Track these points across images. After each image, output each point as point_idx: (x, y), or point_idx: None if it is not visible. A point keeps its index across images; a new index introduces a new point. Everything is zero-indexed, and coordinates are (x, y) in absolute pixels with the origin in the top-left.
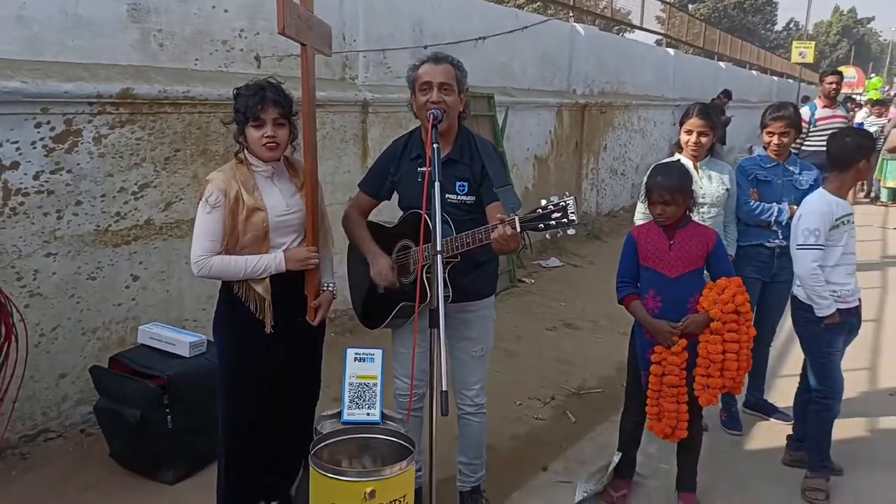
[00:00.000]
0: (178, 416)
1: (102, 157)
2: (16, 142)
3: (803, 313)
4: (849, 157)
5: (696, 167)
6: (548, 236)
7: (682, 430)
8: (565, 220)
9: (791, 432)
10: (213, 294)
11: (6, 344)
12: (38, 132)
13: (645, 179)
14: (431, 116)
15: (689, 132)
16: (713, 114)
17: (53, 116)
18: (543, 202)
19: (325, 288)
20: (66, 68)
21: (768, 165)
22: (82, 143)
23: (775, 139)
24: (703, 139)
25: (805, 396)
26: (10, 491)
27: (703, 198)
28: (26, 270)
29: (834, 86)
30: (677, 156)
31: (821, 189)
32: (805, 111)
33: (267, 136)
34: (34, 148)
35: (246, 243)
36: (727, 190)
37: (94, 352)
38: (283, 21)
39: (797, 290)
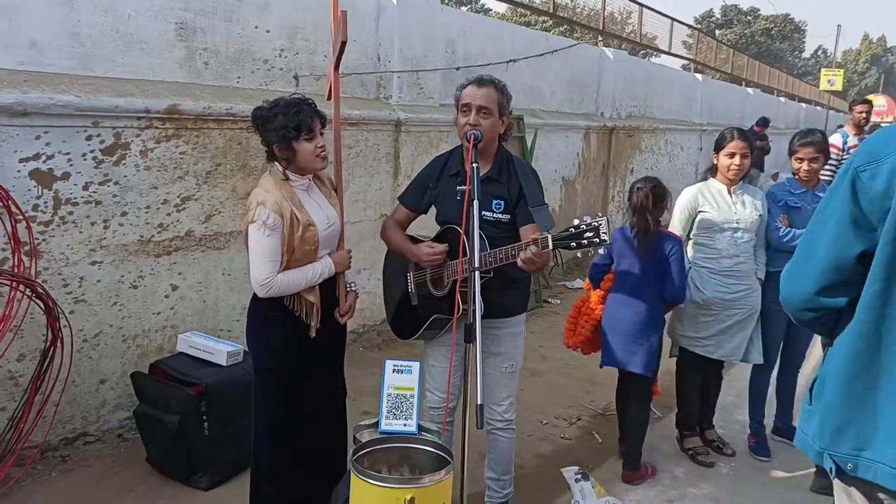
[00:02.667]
0: (215, 423)
1: (148, 169)
2: (67, 153)
3: None
4: None
5: (730, 192)
6: (579, 254)
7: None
8: (597, 239)
9: None
10: (247, 305)
11: (52, 348)
12: (89, 144)
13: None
14: (472, 137)
15: (732, 155)
16: (750, 136)
17: (104, 130)
18: (576, 221)
19: (349, 288)
20: (116, 84)
21: (798, 191)
22: (130, 156)
23: (805, 165)
24: (745, 161)
25: None
26: (49, 492)
27: (737, 223)
28: (72, 278)
29: (864, 115)
30: (711, 180)
31: None
32: (837, 138)
33: (320, 146)
34: (84, 160)
35: (298, 257)
36: (760, 215)
37: (132, 358)
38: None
39: None
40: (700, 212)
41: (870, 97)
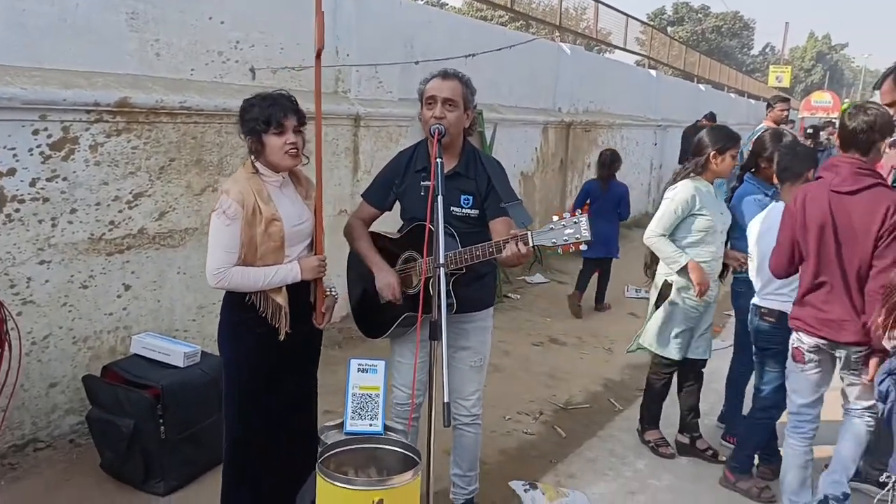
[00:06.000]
0: (172, 427)
1: (98, 165)
2: (13, 148)
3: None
4: (801, 167)
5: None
6: (560, 252)
7: None
8: (578, 236)
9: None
10: (203, 305)
11: None
12: (36, 139)
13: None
14: (436, 132)
15: (735, 156)
16: None
17: (51, 124)
18: (555, 218)
19: (328, 292)
20: (64, 76)
21: (771, 192)
22: (79, 151)
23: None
24: None
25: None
26: None
27: (724, 223)
28: (20, 278)
29: (786, 112)
30: (700, 179)
31: (783, 204)
32: None
33: (290, 143)
34: (31, 155)
35: (263, 253)
36: None
37: (84, 361)
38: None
39: (767, 302)
40: (698, 214)
41: (816, 93)
